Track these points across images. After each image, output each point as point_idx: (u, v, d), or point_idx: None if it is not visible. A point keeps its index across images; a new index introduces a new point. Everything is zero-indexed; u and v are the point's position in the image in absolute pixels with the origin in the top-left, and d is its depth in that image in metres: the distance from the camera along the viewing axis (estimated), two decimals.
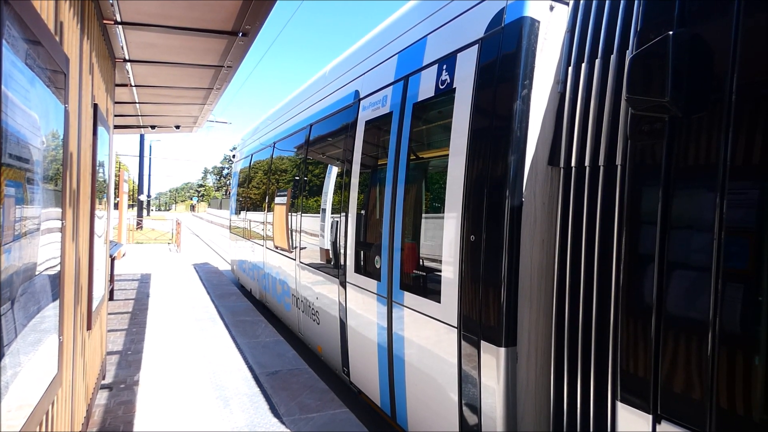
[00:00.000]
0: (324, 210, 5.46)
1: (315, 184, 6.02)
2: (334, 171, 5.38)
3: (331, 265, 5.09)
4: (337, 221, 4.92)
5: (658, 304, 1.97)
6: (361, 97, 4.70)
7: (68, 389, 2.70)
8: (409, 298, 3.55)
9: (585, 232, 2.44)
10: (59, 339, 2.33)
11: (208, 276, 11.75)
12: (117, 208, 15.50)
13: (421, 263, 3.55)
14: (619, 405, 2.13)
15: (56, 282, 2.29)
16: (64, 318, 2.49)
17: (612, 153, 2.36)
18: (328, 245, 5.23)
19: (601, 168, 2.39)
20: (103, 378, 4.77)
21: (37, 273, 1.94)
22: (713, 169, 1.80)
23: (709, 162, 1.83)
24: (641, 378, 2.01)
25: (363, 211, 4.48)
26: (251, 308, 8.24)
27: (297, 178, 6.73)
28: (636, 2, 2.32)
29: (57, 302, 2.30)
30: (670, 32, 1.93)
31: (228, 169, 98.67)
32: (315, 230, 5.79)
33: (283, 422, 3.97)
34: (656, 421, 1.95)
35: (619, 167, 2.29)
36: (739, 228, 1.72)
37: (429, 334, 3.31)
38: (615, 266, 2.23)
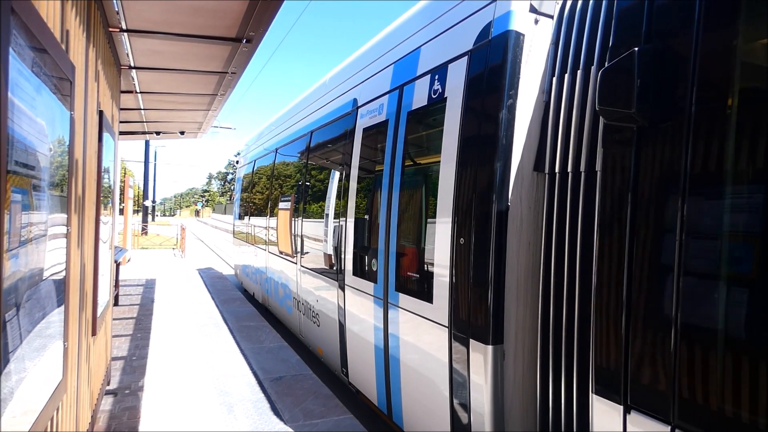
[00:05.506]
0: (324, 215, 5.55)
1: (315, 190, 6.14)
2: (333, 177, 5.49)
3: (331, 268, 5.20)
4: (337, 226, 5.03)
5: (627, 303, 2.10)
6: (359, 105, 4.83)
7: (73, 395, 2.70)
8: (403, 299, 3.67)
9: (568, 235, 2.55)
10: (64, 345, 2.34)
11: (213, 281, 11.78)
12: (122, 214, 15.58)
13: (415, 266, 3.64)
14: (594, 397, 2.26)
15: (61, 288, 2.30)
16: (69, 324, 2.50)
17: (592, 159, 2.46)
18: (327, 249, 5.33)
19: (582, 174, 2.50)
20: (108, 383, 4.77)
21: (42, 279, 1.95)
22: (676, 175, 1.93)
23: (672, 168, 1.96)
24: (613, 372, 2.15)
25: (361, 216, 4.59)
26: (255, 313, 8.24)
27: (298, 183, 6.86)
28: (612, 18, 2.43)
29: (62, 308, 2.31)
30: (636, 48, 2.06)
31: (232, 174, 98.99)
32: (316, 235, 5.90)
33: (287, 429, 3.96)
34: (626, 411, 2.08)
35: (599, 173, 2.39)
36: (698, 229, 1.85)
37: (422, 334, 3.43)
38: (593, 267, 2.35)
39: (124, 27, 3.67)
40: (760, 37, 1.73)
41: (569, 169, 2.60)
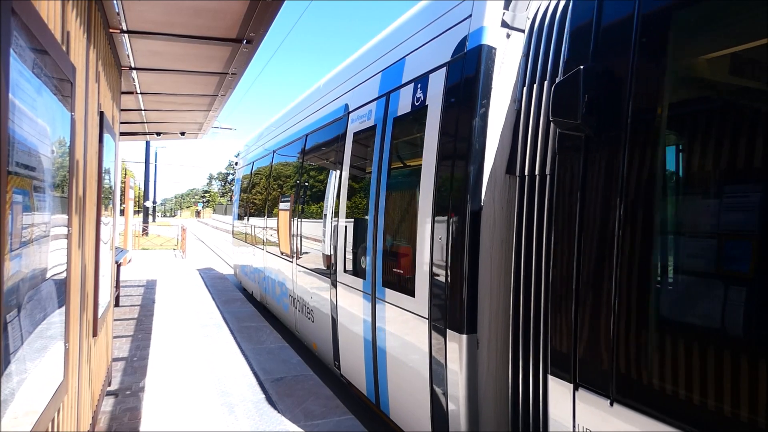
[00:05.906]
0: (318, 215, 5.74)
1: (310, 192, 6.36)
2: (326, 179, 5.68)
3: (324, 266, 5.42)
4: (330, 225, 5.27)
5: (576, 293, 2.35)
6: (350, 110, 5.06)
7: (74, 396, 2.70)
8: (389, 294, 3.92)
9: (536, 233, 2.76)
10: (65, 346, 2.34)
11: (213, 281, 11.78)
12: (123, 215, 15.58)
13: (399, 262, 3.86)
14: (550, 378, 2.52)
15: (62, 289, 2.30)
16: (70, 325, 2.50)
17: (555, 163, 2.62)
18: (321, 248, 5.52)
19: (548, 177, 2.69)
20: (109, 384, 4.77)
21: (43, 280, 1.95)
22: (615, 178, 2.17)
23: (612, 172, 2.19)
24: (564, 355, 2.41)
25: (351, 216, 4.81)
26: (256, 314, 8.24)
27: (294, 185, 7.06)
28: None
29: (63, 309, 2.31)
30: (581, 66, 2.29)
31: (232, 175, 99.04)
32: (310, 234, 6.12)
33: (288, 429, 3.96)
34: (575, 389, 2.36)
35: (556, 176, 2.59)
36: (633, 226, 2.09)
37: (405, 326, 3.68)
38: (550, 262, 2.57)
39: (124, 28, 3.68)
40: (684, 60, 2.07)
41: (536, 172, 2.79)
